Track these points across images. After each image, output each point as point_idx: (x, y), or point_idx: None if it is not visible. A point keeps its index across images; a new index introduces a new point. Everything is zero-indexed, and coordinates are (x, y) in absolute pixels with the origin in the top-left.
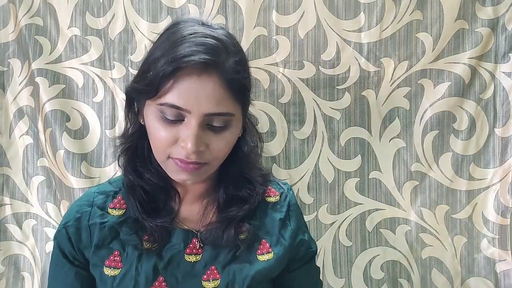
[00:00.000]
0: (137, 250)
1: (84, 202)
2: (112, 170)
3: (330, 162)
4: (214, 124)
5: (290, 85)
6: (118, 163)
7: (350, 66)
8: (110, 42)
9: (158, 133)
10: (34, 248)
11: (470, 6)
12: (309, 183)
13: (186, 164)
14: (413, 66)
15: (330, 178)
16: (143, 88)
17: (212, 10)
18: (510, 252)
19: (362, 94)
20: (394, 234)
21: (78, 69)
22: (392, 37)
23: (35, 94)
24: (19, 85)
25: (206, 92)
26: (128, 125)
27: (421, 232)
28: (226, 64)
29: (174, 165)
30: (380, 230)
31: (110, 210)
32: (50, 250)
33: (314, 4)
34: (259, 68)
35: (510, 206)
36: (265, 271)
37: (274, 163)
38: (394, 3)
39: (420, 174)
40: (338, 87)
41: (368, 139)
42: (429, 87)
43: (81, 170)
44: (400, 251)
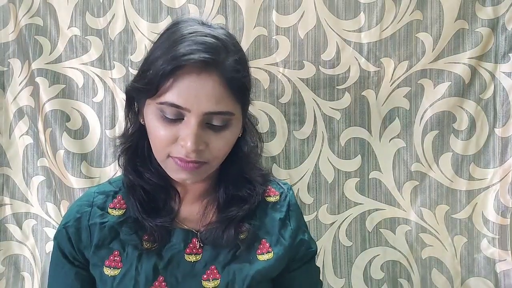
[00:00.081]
0: (137, 250)
1: (84, 202)
2: (112, 170)
3: (330, 162)
4: (213, 123)
5: (290, 85)
6: (118, 163)
7: (350, 66)
8: (110, 42)
9: (158, 132)
10: (34, 248)
11: (470, 6)
12: (309, 183)
13: (186, 163)
14: (413, 66)
15: (330, 178)
16: (143, 87)
17: (212, 10)
18: (510, 252)
19: (362, 94)
20: (394, 234)
21: (78, 69)
22: (392, 37)
23: (35, 94)
24: (19, 85)
25: (206, 90)
26: (128, 125)
27: (421, 232)
28: (226, 63)
29: (173, 164)
30: (380, 230)
31: (110, 210)
32: (50, 250)
33: (314, 4)
34: (259, 68)
35: (510, 206)
36: (265, 271)
37: (274, 163)
38: (394, 3)
39: (420, 174)
40: (338, 87)
41: (368, 139)
42: (429, 87)
43: (81, 170)
44: (400, 251)
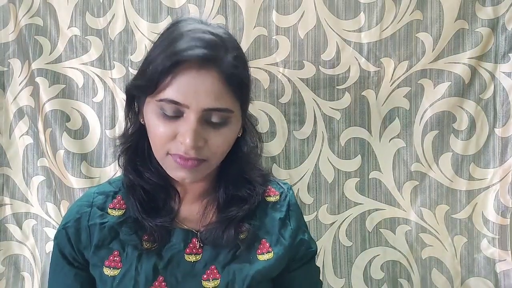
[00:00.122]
0: (136, 250)
1: (83, 202)
2: (112, 170)
3: (330, 162)
4: (213, 119)
5: (290, 85)
6: (118, 163)
7: (350, 66)
8: (110, 42)
9: (157, 129)
10: (34, 248)
11: (470, 6)
12: (309, 183)
13: (185, 161)
14: (413, 66)
15: (330, 178)
16: (143, 84)
17: (212, 10)
18: (510, 252)
19: (362, 94)
20: (394, 234)
21: (78, 69)
22: (392, 37)
23: (35, 94)
24: (19, 85)
25: (205, 87)
26: (128, 125)
27: (421, 232)
28: (225, 59)
29: (173, 162)
30: (380, 230)
31: (109, 211)
32: (50, 250)
33: (314, 4)
34: (259, 68)
35: (510, 206)
36: (265, 271)
37: (274, 163)
38: (394, 3)
39: (420, 174)
40: (338, 87)
41: (368, 139)
42: (429, 87)
43: (81, 170)
44: (400, 251)
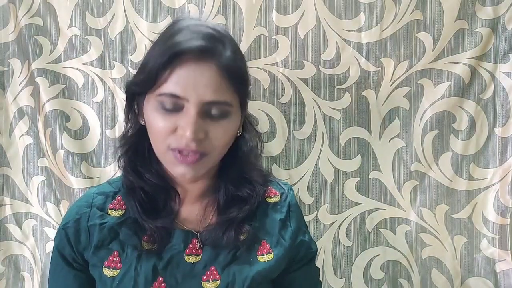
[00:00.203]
0: (136, 250)
1: (83, 203)
2: (112, 170)
3: (330, 162)
4: (212, 112)
5: (290, 85)
6: (118, 165)
7: (350, 66)
8: (110, 42)
9: (157, 123)
10: (34, 248)
11: (470, 6)
12: (309, 183)
13: (185, 156)
14: (413, 66)
15: (330, 178)
16: (142, 80)
17: (212, 10)
18: (510, 252)
19: (362, 94)
20: (394, 234)
21: (78, 69)
22: (392, 37)
23: (35, 94)
24: (19, 85)
25: (204, 79)
26: (128, 126)
27: (421, 232)
28: (223, 52)
29: (173, 158)
30: (380, 230)
31: (109, 211)
32: (50, 250)
33: (314, 4)
34: (259, 68)
35: (510, 206)
36: (265, 272)
37: (274, 163)
38: (394, 3)
39: (420, 174)
40: (338, 87)
41: (368, 139)
42: (429, 87)
43: (81, 170)
44: (400, 251)
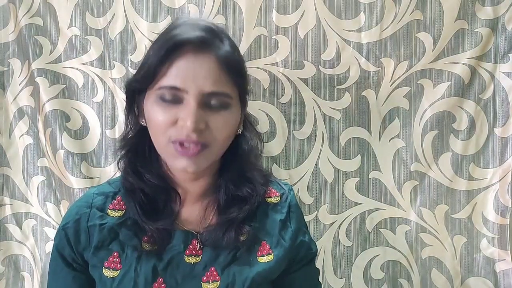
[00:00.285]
0: (136, 251)
1: (83, 203)
2: (112, 170)
3: (330, 162)
4: (212, 103)
5: (290, 85)
6: (118, 166)
7: (350, 66)
8: (110, 42)
9: (157, 117)
10: (34, 248)
11: (470, 6)
12: (309, 183)
13: (187, 148)
14: (413, 66)
15: (330, 178)
16: (142, 76)
17: (212, 10)
18: (509, 251)
19: (362, 94)
20: (394, 234)
21: (78, 69)
22: (392, 37)
23: (35, 94)
24: (19, 85)
25: (204, 71)
26: (128, 127)
27: (421, 232)
28: (221, 45)
29: (174, 150)
30: (380, 230)
31: (109, 212)
32: (50, 250)
33: (314, 4)
34: (259, 68)
35: (510, 206)
36: (265, 273)
37: (274, 163)
38: (394, 3)
39: (419, 174)
40: (338, 87)
41: (368, 139)
42: (429, 87)
43: (81, 170)
44: (400, 251)
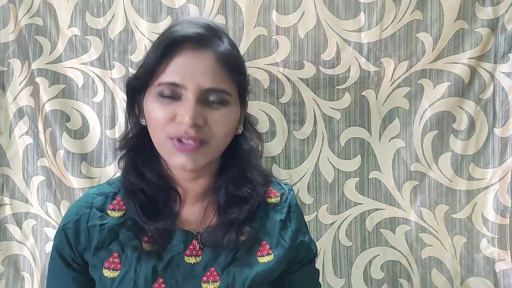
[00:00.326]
0: (136, 251)
1: (83, 203)
2: (112, 170)
3: (330, 162)
4: (211, 99)
5: (290, 85)
6: (119, 166)
7: (350, 66)
8: (110, 42)
9: (156, 113)
10: (34, 248)
11: (470, 6)
12: (309, 183)
13: (185, 145)
14: (413, 66)
15: (330, 178)
16: (142, 73)
17: (212, 10)
18: (509, 251)
19: (362, 94)
20: (394, 234)
21: (78, 69)
22: (392, 37)
23: (35, 94)
24: (19, 85)
25: (202, 67)
26: (129, 127)
27: (421, 232)
28: (220, 43)
29: (171, 147)
30: (380, 230)
31: (109, 212)
32: (50, 250)
33: (314, 4)
34: (259, 68)
35: (510, 205)
36: (265, 273)
37: (274, 163)
38: (394, 3)
39: (419, 174)
40: (338, 87)
41: (368, 139)
42: (428, 87)
43: (81, 170)
44: (400, 251)
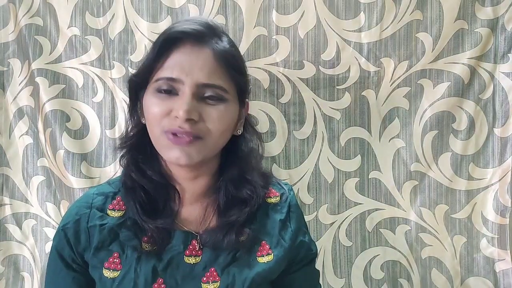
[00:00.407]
0: (136, 252)
1: (83, 203)
2: (112, 170)
3: (330, 162)
4: (207, 94)
5: (290, 85)
6: (120, 163)
7: (350, 66)
8: (110, 42)
9: (153, 109)
10: (34, 248)
11: (470, 6)
12: (309, 183)
13: (178, 138)
14: (413, 66)
15: (330, 178)
16: (142, 69)
17: (212, 10)
18: (509, 251)
19: (362, 94)
20: (394, 234)
21: (78, 69)
22: (392, 37)
23: (35, 94)
24: (19, 85)
25: (200, 62)
26: (130, 125)
27: (420, 232)
28: (219, 40)
29: (166, 140)
30: (380, 230)
31: (109, 212)
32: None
33: (314, 4)
34: (259, 68)
35: (509, 205)
36: (264, 273)
37: (274, 163)
38: (394, 3)
39: (419, 174)
40: (338, 87)
41: (368, 139)
42: (428, 87)
43: (81, 170)
44: (400, 251)
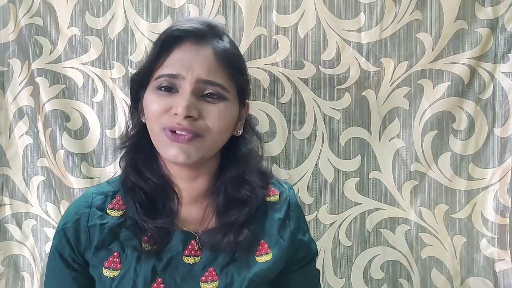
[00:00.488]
0: (136, 251)
1: (82, 203)
2: (112, 170)
3: (330, 162)
4: (207, 92)
5: (290, 85)
6: (120, 163)
7: (350, 66)
8: (110, 42)
9: (153, 106)
10: (34, 248)
11: (470, 7)
12: (309, 183)
13: (177, 136)
14: (413, 66)
15: (330, 178)
16: (143, 68)
17: (212, 10)
18: (509, 251)
19: (362, 94)
20: (394, 234)
21: (78, 69)
22: (392, 37)
23: (35, 94)
24: (19, 85)
25: (200, 60)
26: (131, 125)
27: (420, 232)
28: (220, 40)
29: (165, 138)
30: (380, 230)
31: (109, 211)
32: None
33: (314, 4)
34: (259, 68)
35: (509, 205)
36: (263, 273)
37: (274, 163)
38: (394, 3)
39: (419, 174)
40: (338, 87)
41: (368, 139)
42: (428, 87)
43: (81, 170)
44: (400, 251)
